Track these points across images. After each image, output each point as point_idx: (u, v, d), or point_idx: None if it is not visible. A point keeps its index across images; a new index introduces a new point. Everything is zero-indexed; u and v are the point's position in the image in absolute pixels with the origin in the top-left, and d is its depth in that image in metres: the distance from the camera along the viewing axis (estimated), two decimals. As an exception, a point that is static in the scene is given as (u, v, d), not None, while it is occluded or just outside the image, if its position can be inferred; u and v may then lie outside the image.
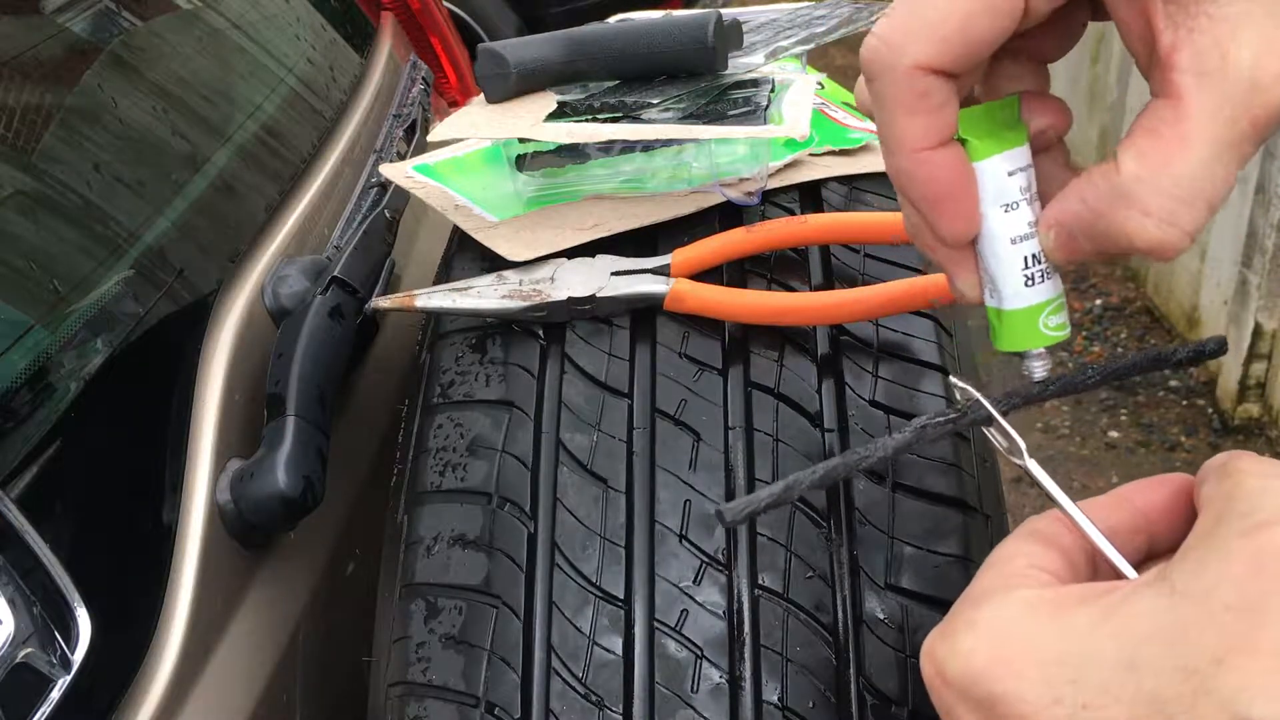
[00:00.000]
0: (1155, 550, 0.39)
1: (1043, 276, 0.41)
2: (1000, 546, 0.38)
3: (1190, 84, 0.34)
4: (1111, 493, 0.40)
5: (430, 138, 0.74)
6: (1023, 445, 0.42)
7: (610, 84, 0.71)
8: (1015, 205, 0.40)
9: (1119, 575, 0.37)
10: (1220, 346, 0.45)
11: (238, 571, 0.67)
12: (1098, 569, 0.38)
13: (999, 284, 0.41)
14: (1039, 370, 0.43)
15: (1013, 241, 0.40)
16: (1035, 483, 0.41)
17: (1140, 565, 0.38)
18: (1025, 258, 0.40)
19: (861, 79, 0.39)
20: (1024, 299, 0.41)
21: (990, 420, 0.42)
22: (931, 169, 0.38)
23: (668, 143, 0.69)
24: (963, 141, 0.39)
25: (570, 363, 0.61)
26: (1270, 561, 0.30)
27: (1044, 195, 0.40)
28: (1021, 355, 0.43)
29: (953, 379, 0.44)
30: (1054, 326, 0.42)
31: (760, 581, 0.53)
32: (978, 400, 0.42)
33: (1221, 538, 0.32)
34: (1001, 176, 0.39)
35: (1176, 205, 0.34)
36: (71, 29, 0.86)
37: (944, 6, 0.35)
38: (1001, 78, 0.41)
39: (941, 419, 0.43)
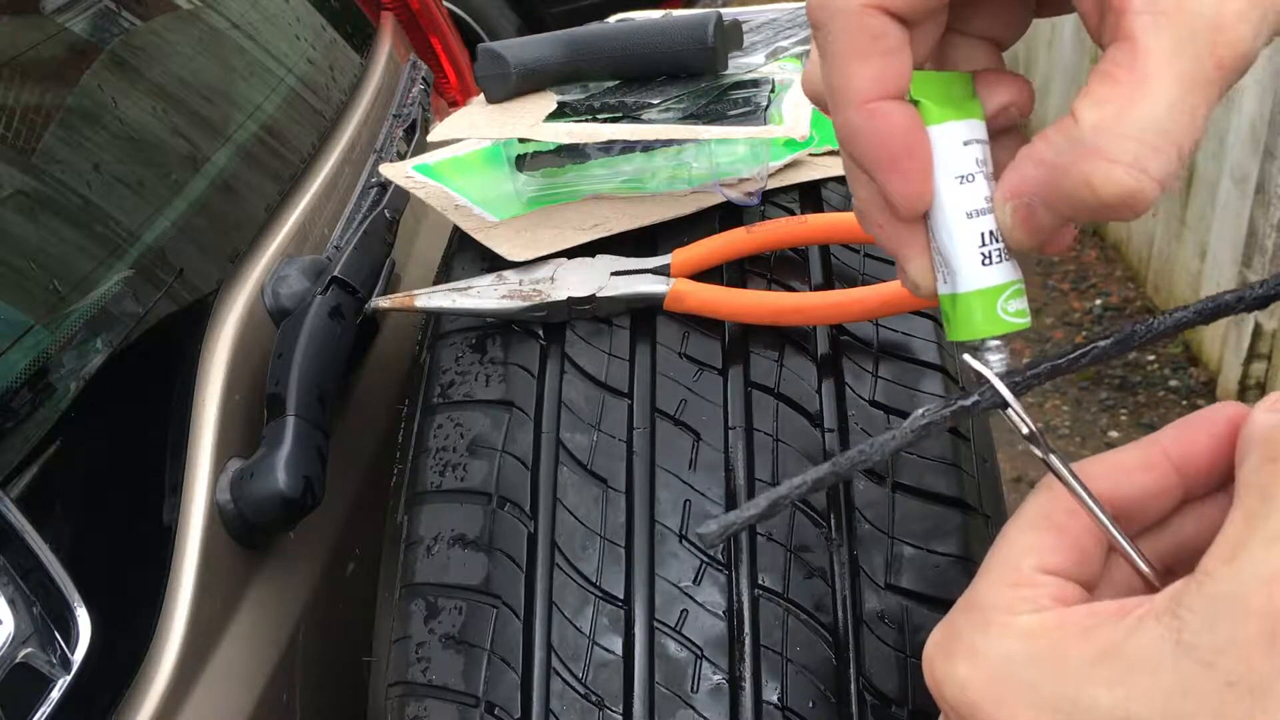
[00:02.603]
0: (1192, 494, 0.36)
1: (1000, 256, 0.37)
2: (1007, 538, 0.36)
3: (1147, 23, 0.32)
4: (1144, 441, 0.36)
5: (430, 138, 0.74)
6: (1047, 445, 0.39)
7: (610, 84, 0.71)
8: (970, 178, 0.37)
9: (1142, 561, 0.35)
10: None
11: (238, 571, 0.67)
12: (1113, 548, 0.36)
13: (953, 264, 0.38)
14: (996, 364, 0.39)
15: (968, 216, 0.37)
16: (1053, 471, 0.38)
17: (1172, 514, 0.36)
18: (982, 234, 0.37)
19: (810, 61, 0.37)
20: (981, 279, 0.37)
21: (1004, 404, 0.38)
22: (883, 122, 0.35)
23: (668, 143, 0.69)
24: (915, 104, 0.36)
25: (570, 363, 0.61)
26: None
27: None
28: (977, 347, 0.39)
29: (966, 357, 0.40)
30: (1013, 312, 0.38)
31: (760, 581, 0.53)
32: (990, 383, 0.38)
33: (1244, 576, 0.29)
34: (956, 145, 0.37)
35: (1143, 149, 0.32)
36: (71, 29, 0.86)
37: None
38: (954, 57, 0.39)
39: (949, 409, 0.39)
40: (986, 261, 0.37)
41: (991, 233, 0.37)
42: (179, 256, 0.74)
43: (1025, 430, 0.38)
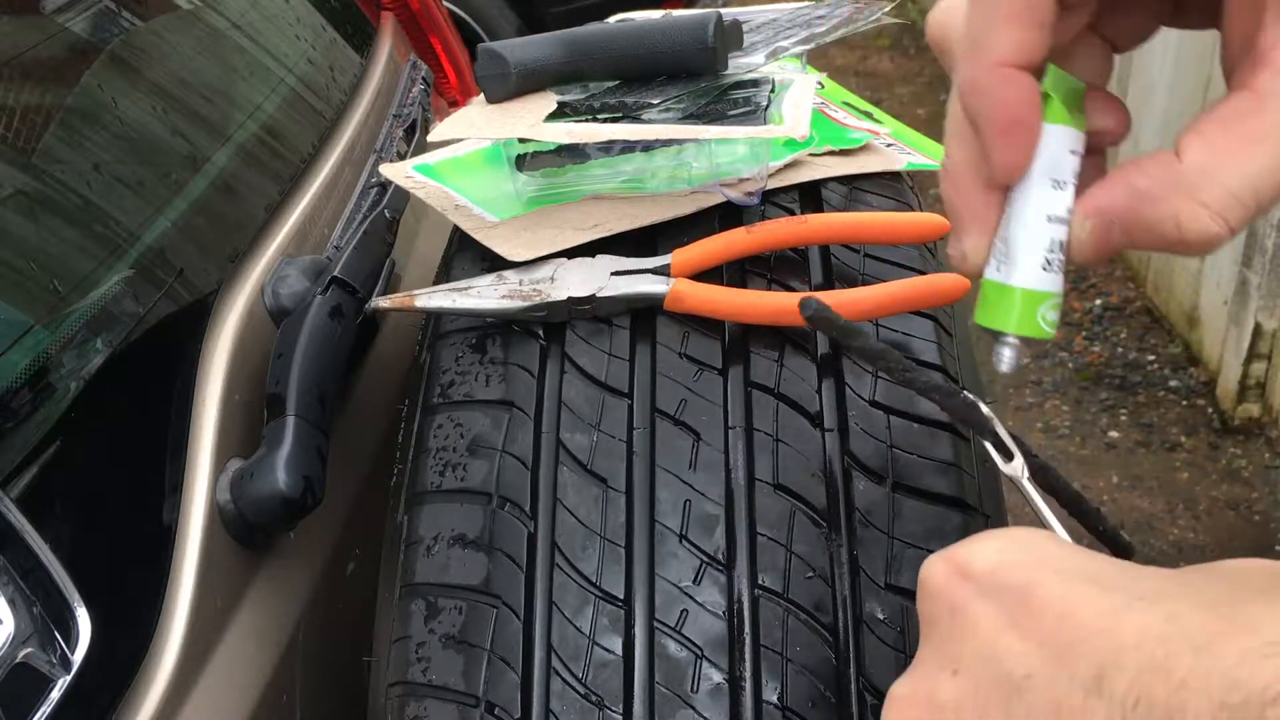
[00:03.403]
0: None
1: (1059, 266, 0.39)
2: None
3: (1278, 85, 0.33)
4: None
5: (430, 138, 0.74)
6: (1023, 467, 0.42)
7: (610, 84, 0.71)
8: (1063, 184, 0.38)
9: None
10: (1128, 549, 0.46)
11: (238, 571, 0.67)
12: None
13: (1015, 257, 0.39)
14: (1007, 360, 0.41)
15: (1048, 219, 0.38)
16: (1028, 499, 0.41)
17: None
18: (1052, 240, 0.38)
19: (943, 7, 0.37)
20: (1036, 281, 0.39)
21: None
22: (1012, 89, 0.36)
23: (668, 143, 0.69)
24: (1044, 96, 0.37)
25: (570, 363, 0.61)
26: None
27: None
28: (999, 337, 0.40)
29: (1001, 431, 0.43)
30: (1049, 322, 0.40)
31: (760, 581, 0.53)
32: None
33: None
34: (1063, 150, 0.38)
35: (1233, 201, 0.33)
36: (71, 29, 0.86)
37: None
38: (1075, 55, 0.39)
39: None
40: (1047, 267, 0.39)
41: (1061, 242, 0.38)
42: (179, 256, 0.74)
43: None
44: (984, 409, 0.43)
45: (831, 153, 0.73)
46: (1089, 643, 0.30)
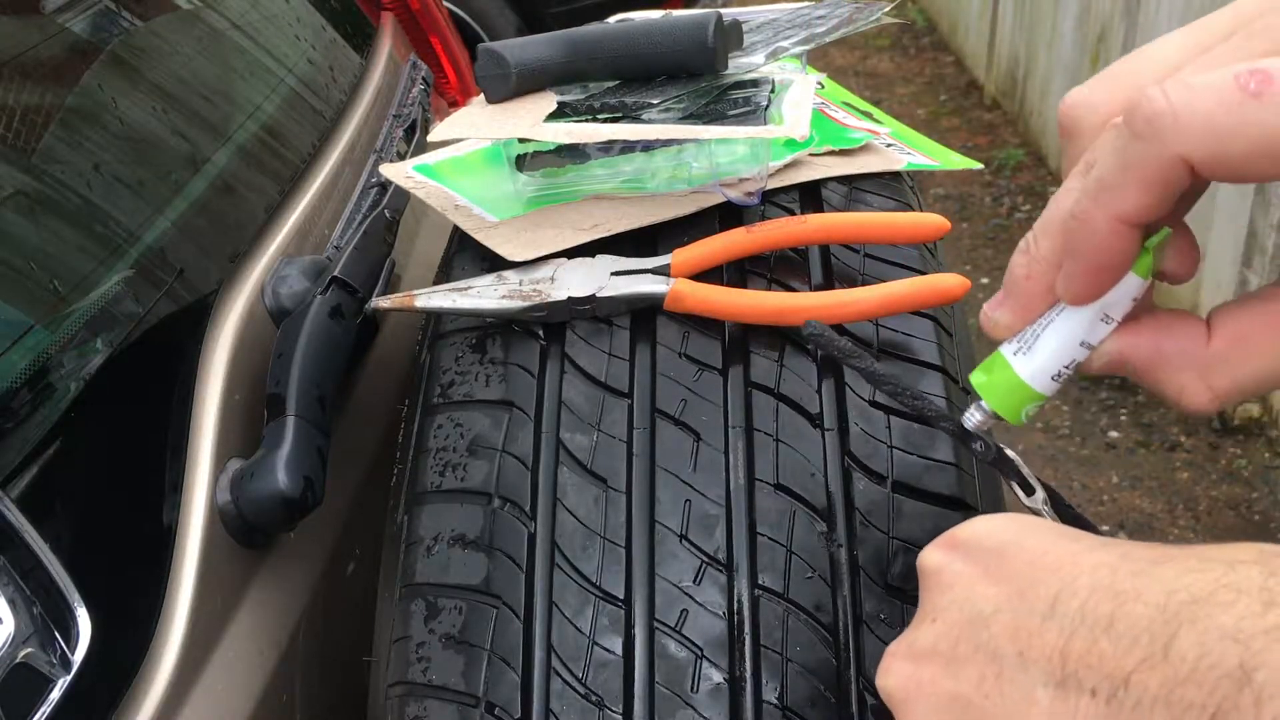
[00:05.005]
0: None
1: (1065, 381, 0.42)
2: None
3: None
4: None
5: (430, 138, 0.74)
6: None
7: (610, 84, 0.71)
8: (1110, 321, 0.40)
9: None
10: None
11: (238, 571, 0.67)
12: None
13: (1035, 355, 0.41)
14: (973, 422, 0.45)
15: (1081, 344, 0.41)
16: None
17: None
18: (1075, 360, 0.41)
19: (1116, 128, 0.36)
20: (1040, 384, 0.42)
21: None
22: (1117, 242, 0.37)
23: (668, 143, 0.69)
24: (1144, 248, 0.39)
25: (570, 363, 0.61)
26: None
27: None
28: (979, 399, 0.44)
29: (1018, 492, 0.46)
30: (1028, 415, 0.44)
31: (760, 581, 0.53)
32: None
33: None
34: (1128, 294, 0.39)
35: (1236, 391, 0.37)
36: (71, 29, 0.86)
37: (1243, 117, 0.33)
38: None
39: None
40: (1056, 378, 0.42)
41: (1079, 363, 0.41)
42: (179, 256, 0.74)
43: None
44: (996, 445, 0.46)
45: (831, 153, 0.73)
46: (1048, 578, 0.35)
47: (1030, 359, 0.41)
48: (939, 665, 0.37)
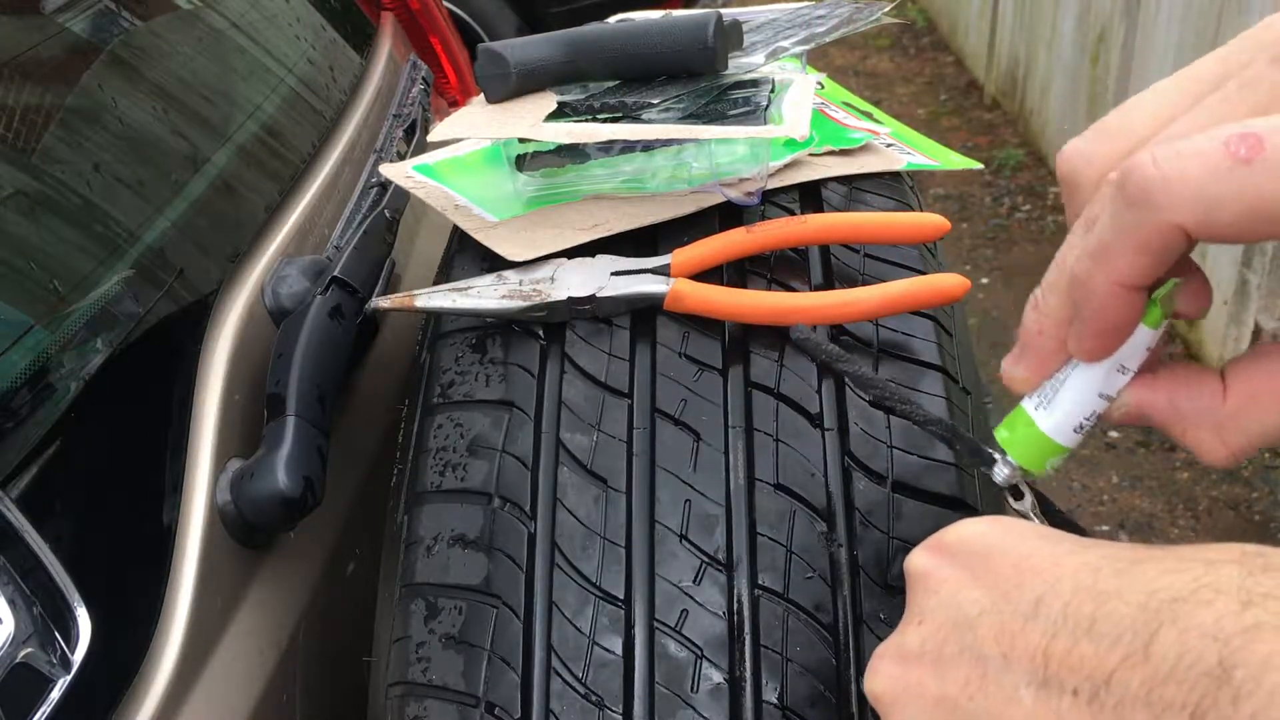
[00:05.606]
0: None
1: (1086, 431, 0.42)
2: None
3: None
4: None
5: (430, 138, 0.74)
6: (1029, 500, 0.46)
7: (610, 84, 0.71)
8: (1126, 371, 0.40)
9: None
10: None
11: (238, 571, 0.67)
12: None
13: (1056, 411, 0.42)
14: (1002, 477, 0.45)
15: (1099, 394, 0.41)
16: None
17: None
18: (1095, 411, 0.41)
19: (1080, 237, 0.38)
20: (1062, 437, 0.42)
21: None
22: (1119, 304, 0.37)
23: (668, 143, 0.69)
24: (1151, 300, 0.39)
25: (570, 363, 0.61)
26: None
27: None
28: (1005, 455, 0.45)
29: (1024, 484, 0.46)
30: (1053, 468, 0.44)
31: (760, 581, 0.53)
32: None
33: None
34: (1141, 345, 0.40)
35: (1248, 445, 0.38)
36: (71, 29, 0.86)
37: (1233, 184, 0.33)
38: None
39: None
40: (1078, 430, 0.42)
41: (1099, 414, 0.42)
42: (179, 256, 0.74)
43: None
44: (987, 452, 0.47)
45: (831, 153, 0.73)
46: (1033, 580, 0.35)
47: (1051, 413, 0.42)
48: (926, 667, 0.37)
